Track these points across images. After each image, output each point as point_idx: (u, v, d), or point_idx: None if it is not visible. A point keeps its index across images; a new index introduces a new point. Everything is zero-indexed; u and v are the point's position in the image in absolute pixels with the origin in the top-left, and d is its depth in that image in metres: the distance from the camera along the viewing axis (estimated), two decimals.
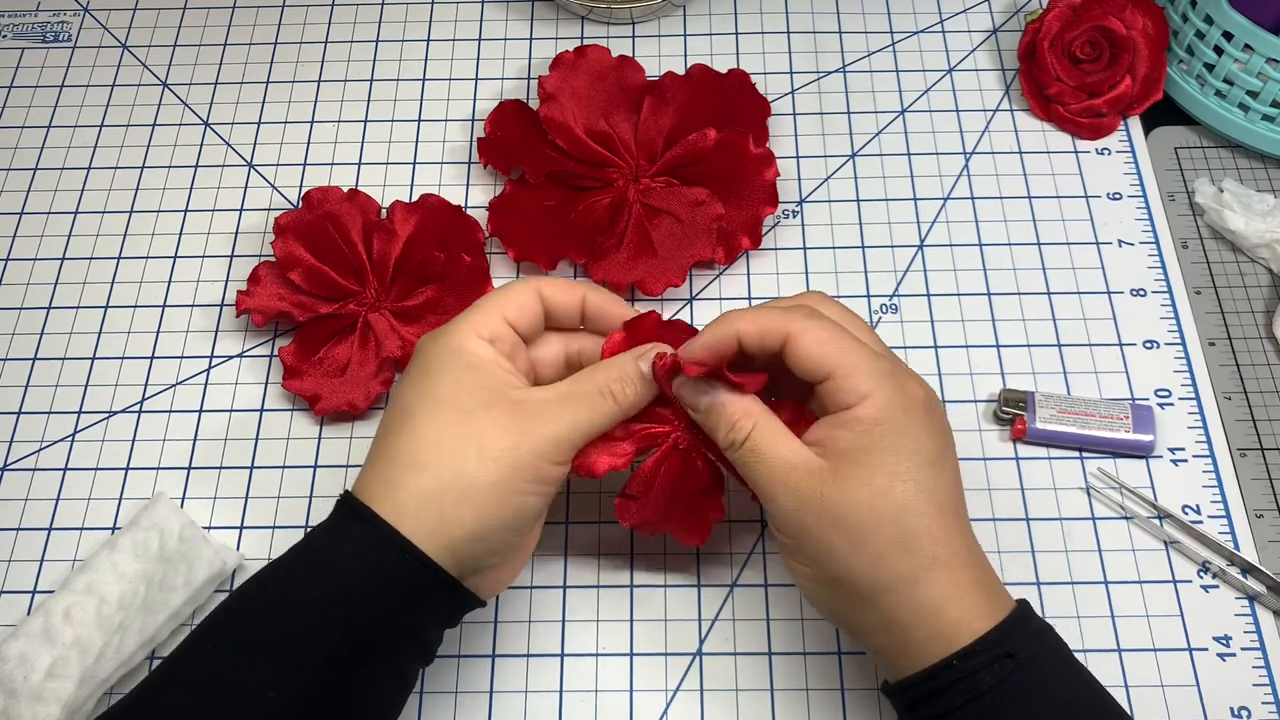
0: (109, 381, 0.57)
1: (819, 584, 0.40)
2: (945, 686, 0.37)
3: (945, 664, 0.37)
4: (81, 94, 0.67)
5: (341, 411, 0.54)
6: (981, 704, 0.37)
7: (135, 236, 0.61)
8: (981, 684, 0.37)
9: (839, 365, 0.39)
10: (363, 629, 0.38)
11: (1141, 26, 0.61)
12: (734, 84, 0.62)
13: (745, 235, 0.58)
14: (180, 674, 0.38)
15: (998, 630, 0.37)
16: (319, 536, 0.40)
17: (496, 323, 0.42)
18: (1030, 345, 0.56)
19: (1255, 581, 0.50)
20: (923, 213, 0.60)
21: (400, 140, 0.64)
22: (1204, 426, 0.54)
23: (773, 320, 0.40)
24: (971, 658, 0.37)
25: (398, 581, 0.38)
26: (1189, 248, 0.59)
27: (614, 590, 0.51)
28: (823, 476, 0.39)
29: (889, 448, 0.38)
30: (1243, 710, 0.47)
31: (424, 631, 0.40)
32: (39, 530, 0.53)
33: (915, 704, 0.38)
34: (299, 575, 0.39)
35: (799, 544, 0.40)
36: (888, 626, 0.38)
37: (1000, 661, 0.37)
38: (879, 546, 0.38)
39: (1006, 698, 0.37)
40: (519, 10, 0.69)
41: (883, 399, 0.39)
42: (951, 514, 0.39)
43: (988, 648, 0.37)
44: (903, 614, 0.38)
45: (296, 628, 0.38)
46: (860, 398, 0.39)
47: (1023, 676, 0.37)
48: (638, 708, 0.48)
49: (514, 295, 0.43)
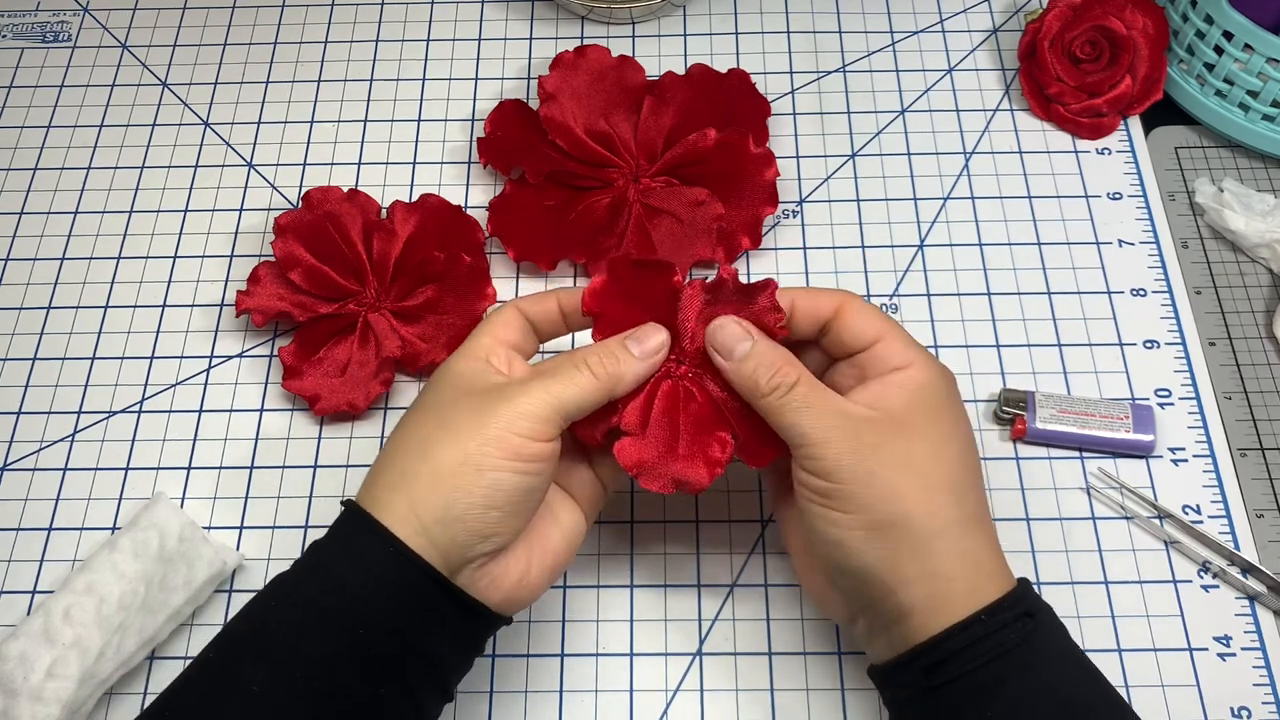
0: (109, 381, 0.57)
1: (864, 530, 0.39)
2: (970, 644, 0.37)
3: (974, 619, 0.38)
4: (81, 94, 0.67)
5: (341, 411, 0.54)
6: (1008, 660, 0.37)
7: (135, 236, 0.61)
8: (1007, 641, 0.37)
9: (887, 331, 0.42)
10: (353, 627, 0.38)
11: (1141, 26, 0.61)
12: (734, 84, 0.62)
13: (745, 235, 0.58)
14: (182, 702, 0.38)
15: (1015, 593, 0.39)
16: (316, 543, 0.41)
17: (488, 343, 0.43)
18: (1030, 345, 0.56)
19: (1255, 581, 0.50)
20: (923, 213, 0.60)
21: (400, 140, 0.64)
22: (1204, 426, 0.54)
23: (823, 294, 0.43)
24: (998, 613, 0.38)
25: (382, 575, 0.38)
26: (1189, 248, 0.59)
27: (614, 590, 0.51)
28: (881, 425, 0.40)
29: (941, 407, 0.41)
30: (1242, 710, 0.47)
31: (432, 645, 0.39)
32: (39, 530, 0.53)
33: (934, 668, 0.38)
34: (297, 579, 0.40)
35: (848, 490, 0.39)
36: (930, 576, 0.38)
37: (1022, 620, 0.38)
38: (942, 491, 0.39)
39: (1027, 656, 0.37)
40: (519, 10, 0.69)
41: (929, 365, 0.42)
42: (980, 476, 0.41)
43: (1012, 605, 0.38)
44: (947, 563, 0.38)
45: (295, 634, 0.38)
46: (909, 361, 0.41)
47: (1041, 638, 0.38)
48: (638, 708, 0.48)
49: (498, 317, 0.44)
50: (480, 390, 0.41)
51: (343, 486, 0.54)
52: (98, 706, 0.48)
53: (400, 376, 0.56)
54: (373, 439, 0.55)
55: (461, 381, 0.42)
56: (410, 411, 0.42)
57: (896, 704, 0.41)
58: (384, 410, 0.56)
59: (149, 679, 0.49)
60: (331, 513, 0.52)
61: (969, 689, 0.37)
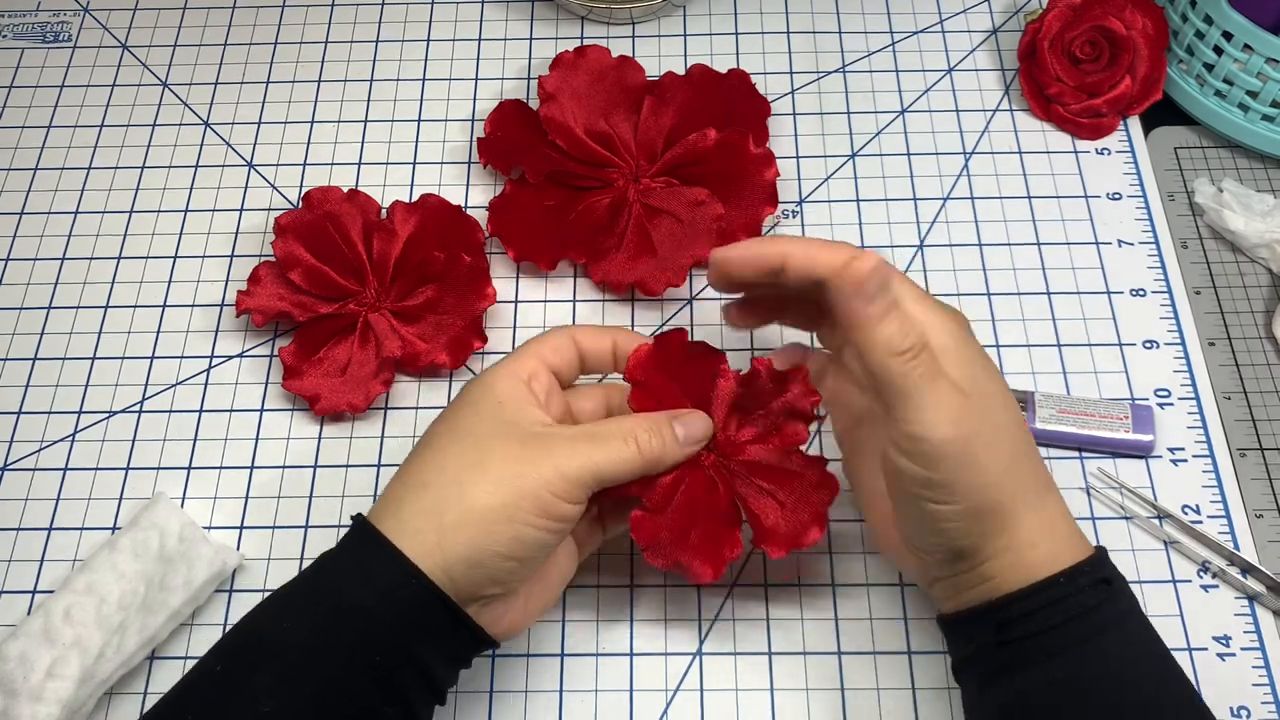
0: (109, 381, 0.57)
1: (963, 517, 0.39)
2: (1049, 604, 0.38)
3: (1052, 580, 0.38)
4: (81, 94, 0.67)
5: (341, 411, 0.54)
6: (1083, 624, 0.38)
7: (135, 236, 0.61)
8: (1086, 602, 0.38)
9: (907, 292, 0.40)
10: (365, 649, 0.38)
11: (1141, 26, 0.61)
12: (734, 84, 0.62)
13: (745, 235, 0.58)
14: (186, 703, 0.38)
15: (1094, 559, 0.39)
16: (327, 556, 0.40)
17: (533, 365, 0.43)
18: (1030, 345, 0.56)
19: (1255, 581, 0.50)
20: (923, 213, 0.60)
21: (400, 140, 0.64)
22: (1204, 426, 0.54)
23: (825, 247, 0.40)
24: (1077, 577, 0.38)
25: (400, 600, 0.38)
26: (1189, 248, 0.59)
27: (614, 590, 0.51)
28: (969, 404, 0.39)
29: (990, 374, 0.40)
30: (1242, 710, 0.47)
31: (430, 663, 0.39)
32: (39, 530, 0.53)
33: (1007, 624, 0.39)
34: (307, 593, 0.39)
35: (953, 476, 0.38)
36: (1014, 545, 0.39)
37: (1099, 586, 0.38)
38: (1021, 462, 0.40)
39: (1106, 620, 0.38)
40: (519, 10, 0.69)
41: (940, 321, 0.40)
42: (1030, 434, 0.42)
43: (1092, 569, 0.39)
44: (1030, 530, 0.39)
45: (298, 649, 0.38)
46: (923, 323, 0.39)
47: (1117, 604, 0.38)
48: (638, 708, 0.48)
49: (549, 339, 0.44)
50: (523, 434, 0.41)
51: (343, 486, 0.54)
52: (98, 706, 0.48)
53: (400, 376, 0.56)
54: (373, 439, 0.55)
55: (504, 412, 0.41)
56: (445, 428, 0.42)
57: (961, 653, 0.41)
58: (384, 410, 0.56)
59: (149, 679, 0.49)
60: (332, 513, 0.53)
61: (1040, 649, 0.38)
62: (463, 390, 0.43)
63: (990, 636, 0.39)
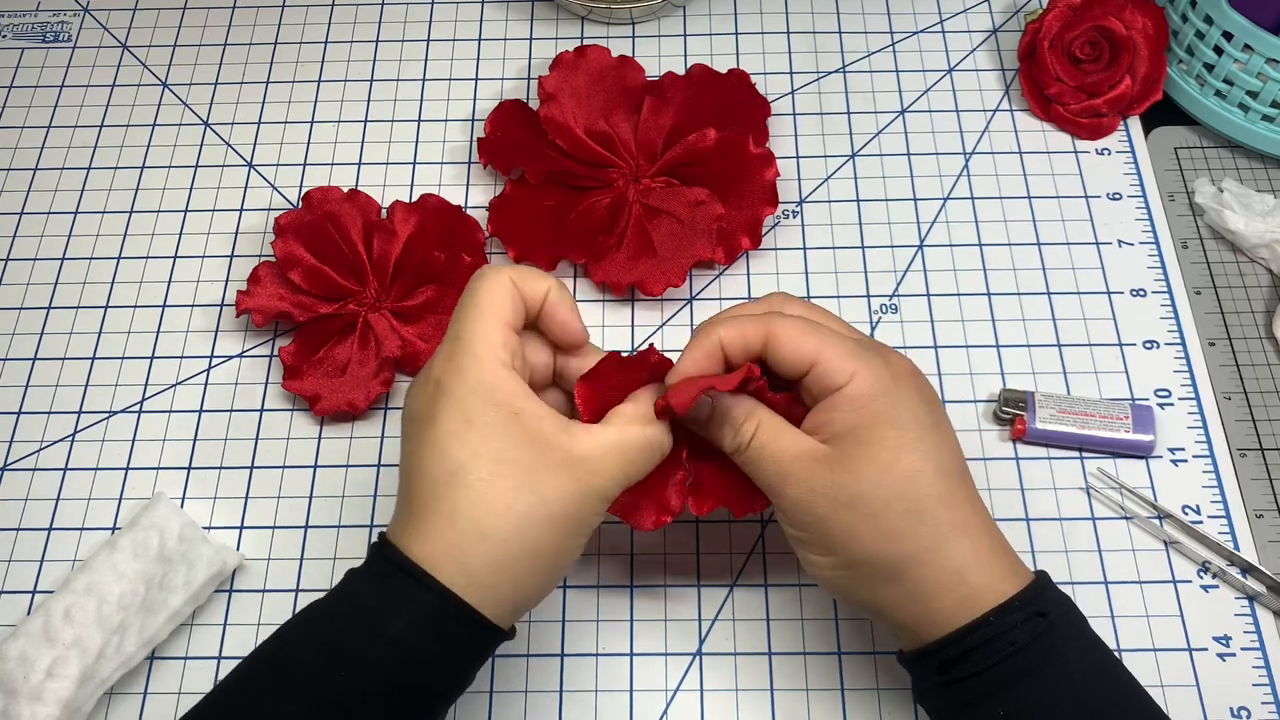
0: (109, 381, 0.57)
1: (840, 570, 0.40)
2: (980, 644, 0.38)
3: (981, 621, 0.38)
4: (81, 94, 0.67)
5: (341, 411, 0.54)
6: (1019, 659, 0.37)
7: (135, 236, 0.61)
8: (1019, 639, 0.37)
9: (819, 351, 0.39)
10: (402, 676, 0.37)
11: (1141, 26, 0.61)
12: (734, 84, 0.62)
13: (745, 235, 0.58)
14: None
15: (1028, 591, 0.38)
16: (366, 591, 0.38)
17: (507, 336, 0.39)
18: (1030, 345, 0.56)
19: (1255, 581, 0.50)
20: (923, 213, 0.60)
21: (400, 140, 0.64)
22: (1204, 427, 0.54)
23: (749, 324, 0.40)
24: (1007, 614, 0.38)
25: (461, 646, 0.38)
26: (1189, 248, 0.59)
27: (614, 590, 0.51)
28: (829, 462, 0.39)
29: (888, 419, 0.39)
30: (1242, 710, 0.47)
31: (468, 677, 0.39)
32: (39, 530, 0.53)
33: (948, 665, 0.38)
34: (350, 638, 0.37)
35: (815, 534, 0.39)
36: (914, 597, 0.39)
37: (1033, 620, 0.37)
38: (895, 521, 0.38)
39: (1042, 654, 0.37)
40: (519, 10, 0.69)
41: (870, 374, 0.39)
42: (958, 479, 0.39)
43: (1022, 605, 0.38)
44: (927, 584, 0.38)
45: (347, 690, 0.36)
46: (849, 375, 0.39)
47: (1055, 636, 0.38)
48: (638, 708, 0.48)
49: (497, 296, 0.40)
50: (562, 456, 0.38)
51: (343, 486, 0.54)
52: (98, 706, 0.48)
53: (400, 376, 0.56)
54: (373, 439, 0.55)
55: (526, 427, 0.38)
56: (453, 436, 0.38)
57: (919, 691, 0.41)
58: (384, 410, 0.56)
59: (149, 679, 0.49)
60: (332, 513, 0.53)
61: (982, 686, 0.38)
62: (451, 390, 0.38)
63: (935, 676, 0.39)
